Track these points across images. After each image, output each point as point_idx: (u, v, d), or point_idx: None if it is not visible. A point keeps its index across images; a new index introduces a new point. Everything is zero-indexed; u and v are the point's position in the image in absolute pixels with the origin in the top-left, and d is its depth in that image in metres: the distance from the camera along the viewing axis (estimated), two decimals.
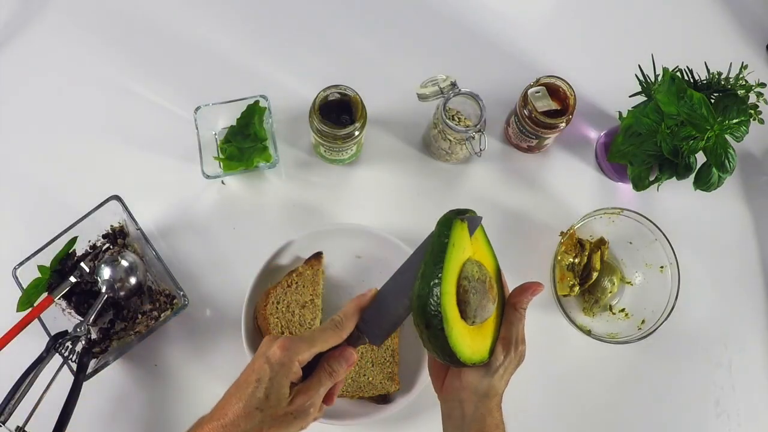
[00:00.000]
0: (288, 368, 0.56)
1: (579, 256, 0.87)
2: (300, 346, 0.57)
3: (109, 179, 0.88)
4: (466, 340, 0.58)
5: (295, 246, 0.84)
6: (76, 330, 0.77)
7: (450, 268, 0.58)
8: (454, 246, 0.58)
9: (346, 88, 0.80)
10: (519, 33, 0.98)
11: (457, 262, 0.59)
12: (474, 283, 0.58)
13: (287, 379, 0.56)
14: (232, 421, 0.55)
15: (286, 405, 0.56)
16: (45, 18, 0.95)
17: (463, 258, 0.60)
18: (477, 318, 0.59)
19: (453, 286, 0.58)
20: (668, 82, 0.76)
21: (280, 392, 0.55)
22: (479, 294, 0.58)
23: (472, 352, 0.59)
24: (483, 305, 0.59)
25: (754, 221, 0.94)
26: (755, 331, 0.90)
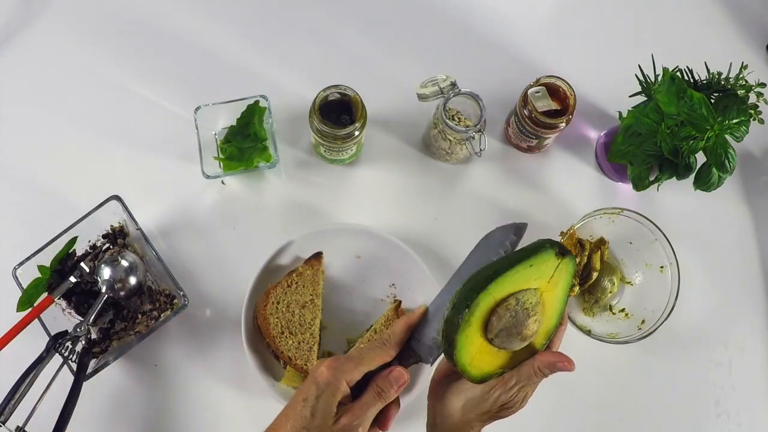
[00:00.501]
0: (335, 387, 0.56)
1: (579, 256, 0.87)
2: (347, 365, 0.57)
3: (109, 179, 0.88)
4: (478, 355, 0.57)
5: (295, 246, 0.84)
6: (76, 330, 0.77)
7: (511, 279, 0.56)
8: (531, 267, 0.56)
9: (346, 88, 0.80)
10: (519, 33, 0.98)
11: (522, 283, 0.56)
12: (518, 308, 0.56)
13: (334, 398, 0.55)
14: None
15: (332, 424, 0.55)
16: (45, 18, 0.95)
17: (532, 285, 0.57)
18: (496, 340, 0.57)
19: (500, 295, 0.56)
20: (668, 82, 0.76)
21: (326, 411, 0.55)
22: (515, 320, 0.56)
23: (481, 372, 0.58)
24: (510, 334, 0.56)
25: (754, 221, 0.94)
26: (755, 331, 0.90)
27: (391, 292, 0.86)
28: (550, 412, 0.85)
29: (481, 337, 0.57)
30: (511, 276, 0.56)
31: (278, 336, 0.80)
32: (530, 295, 0.57)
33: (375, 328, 0.82)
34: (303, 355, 0.80)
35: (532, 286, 0.57)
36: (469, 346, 0.56)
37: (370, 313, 0.85)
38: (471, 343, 0.56)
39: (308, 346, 0.81)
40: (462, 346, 0.56)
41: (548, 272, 0.58)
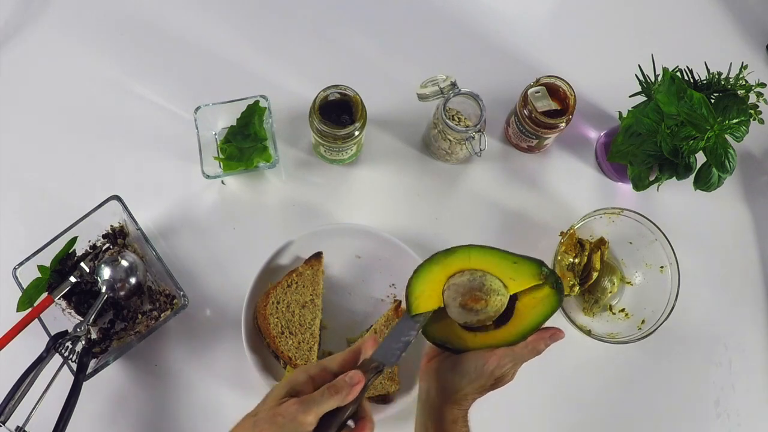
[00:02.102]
0: (288, 379, 0.57)
1: (579, 256, 0.87)
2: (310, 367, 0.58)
3: (109, 179, 0.88)
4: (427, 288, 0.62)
5: (295, 246, 0.84)
6: (76, 330, 0.77)
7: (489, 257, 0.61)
8: (515, 264, 0.61)
9: (346, 88, 0.80)
10: (519, 33, 0.98)
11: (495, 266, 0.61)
12: (466, 279, 0.60)
13: (282, 387, 0.57)
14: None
15: (276, 406, 0.55)
16: (45, 18, 0.95)
17: (501, 276, 0.61)
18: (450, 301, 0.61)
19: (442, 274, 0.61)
20: (668, 82, 0.76)
21: (274, 396, 0.56)
22: (463, 290, 0.60)
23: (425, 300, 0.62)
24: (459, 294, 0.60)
25: (754, 221, 0.94)
26: (755, 331, 0.90)
27: (391, 292, 0.86)
28: (550, 411, 0.85)
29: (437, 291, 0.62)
30: (492, 255, 0.61)
31: (278, 336, 0.80)
32: (492, 280, 0.61)
33: (375, 328, 0.82)
34: (303, 355, 0.80)
35: (503, 278, 0.61)
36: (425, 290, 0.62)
37: (370, 313, 0.85)
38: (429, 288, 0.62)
39: (308, 346, 0.81)
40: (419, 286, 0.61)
41: (526, 283, 0.62)
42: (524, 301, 0.63)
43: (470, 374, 0.61)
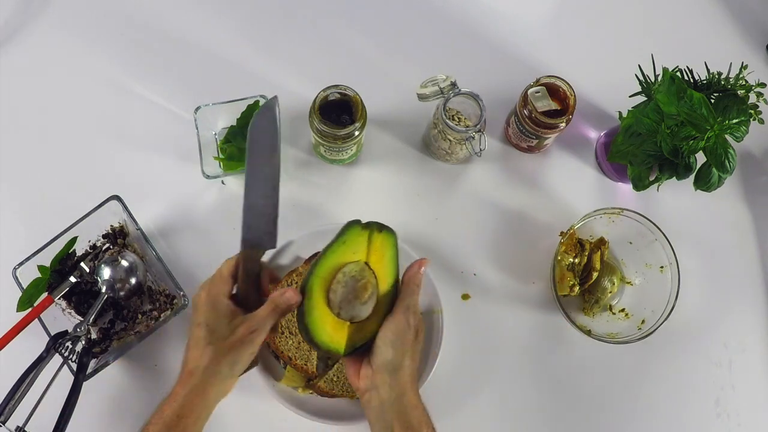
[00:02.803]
0: (215, 301, 0.63)
1: (579, 256, 0.87)
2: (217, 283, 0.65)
3: (109, 179, 0.88)
4: (325, 325, 0.63)
5: (295, 246, 0.84)
6: (76, 330, 0.77)
7: (330, 259, 0.64)
8: (344, 244, 0.64)
9: (346, 88, 0.80)
10: (519, 33, 0.98)
11: (341, 258, 0.64)
12: (346, 279, 0.63)
13: (218, 312, 0.63)
14: (194, 365, 0.61)
15: (230, 334, 0.61)
16: (45, 18, 0.95)
17: (352, 258, 0.65)
18: (342, 312, 0.63)
19: (327, 274, 0.64)
20: (668, 82, 0.76)
21: (218, 323, 0.62)
22: (347, 290, 0.63)
23: (330, 339, 0.63)
24: (349, 301, 0.63)
25: (754, 221, 0.94)
26: (755, 331, 0.90)
27: None
28: (550, 411, 0.85)
29: (330, 314, 0.64)
30: (330, 257, 0.64)
31: (278, 336, 0.80)
32: (353, 266, 0.64)
33: None
34: (303, 355, 0.80)
35: (354, 259, 0.65)
36: (324, 326, 0.63)
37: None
38: (324, 323, 0.63)
39: (308, 346, 0.81)
40: (315, 326, 0.63)
41: (363, 244, 0.66)
42: (373, 262, 0.66)
43: (390, 343, 0.63)
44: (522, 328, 0.87)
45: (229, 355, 0.61)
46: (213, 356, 0.61)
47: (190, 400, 0.61)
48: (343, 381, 0.80)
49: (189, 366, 0.62)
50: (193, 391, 0.61)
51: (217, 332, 0.62)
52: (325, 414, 0.79)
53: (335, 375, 0.80)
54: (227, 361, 0.61)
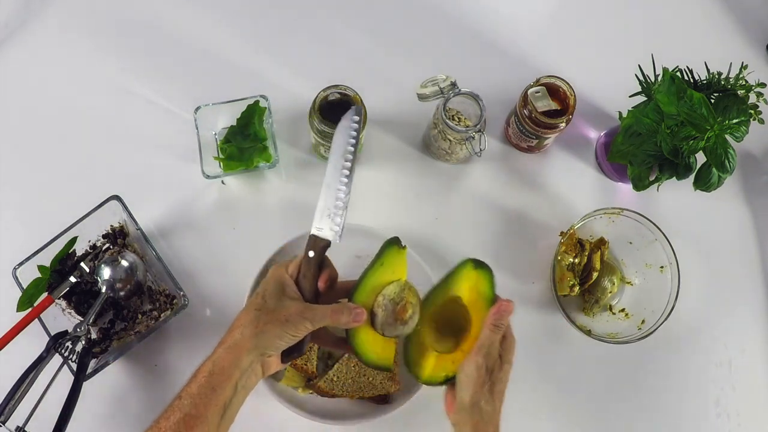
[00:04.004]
0: (279, 276, 0.65)
1: (579, 256, 0.87)
2: (289, 263, 0.67)
3: (109, 179, 0.88)
4: (371, 344, 0.66)
5: (295, 246, 0.84)
6: (76, 330, 0.77)
7: (369, 282, 0.67)
8: (382, 266, 0.67)
9: (346, 88, 0.80)
10: (519, 33, 0.98)
11: (380, 279, 0.67)
12: (385, 302, 0.65)
13: (279, 285, 0.65)
14: (237, 324, 0.63)
15: (281, 308, 0.63)
16: (45, 18, 0.95)
17: (392, 278, 0.67)
18: (385, 331, 0.66)
19: (369, 297, 0.66)
20: (668, 82, 0.76)
21: (274, 298, 0.64)
22: (386, 312, 0.65)
23: (377, 357, 0.67)
24: (389, 323, 0.65)
25: (754, 221, 0.94)
26: (755, 331, 0.90)
27: None
28: (550, 411, 0.85)
29: (375, 333, 0.67)
30: (369, 281, 0.67)
31: None
32: (392, 287, 0.66)
33: None
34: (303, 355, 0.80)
35: (393, 279, 0.67)
36: (366, 340, 0.66)
37: None
38: (366, 337, 0.66)
39: (308, 346, 0.81)
40: (362, 345, 0.66)
41: (400, 263, 0.68)
42: (470, 300, 0.69)
43: (470, 382, 0.63)
44: (522, 328, 0.86)
45: (270, 327, 0.62)
46: (256, 322, 0.62)
47: (223, 357, 0.61)
48: (343, 381, 0.80)
49: (233, 326, 0.64)
50: (228, 348, 0.62)
51: (269, 304, 0.63)
52: (325, 414, 0.79)
53: (335, 375, 0.80)
54: (269, 330, 0.62)
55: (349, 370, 0.80)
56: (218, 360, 0.61)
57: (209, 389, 0.60)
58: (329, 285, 0.66)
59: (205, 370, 0.61)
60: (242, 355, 0.61)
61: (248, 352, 0.61)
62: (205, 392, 0.60)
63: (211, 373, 0.61)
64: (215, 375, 0.61)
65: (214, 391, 0.60)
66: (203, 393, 0.60)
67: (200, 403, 0.60)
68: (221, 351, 0.62)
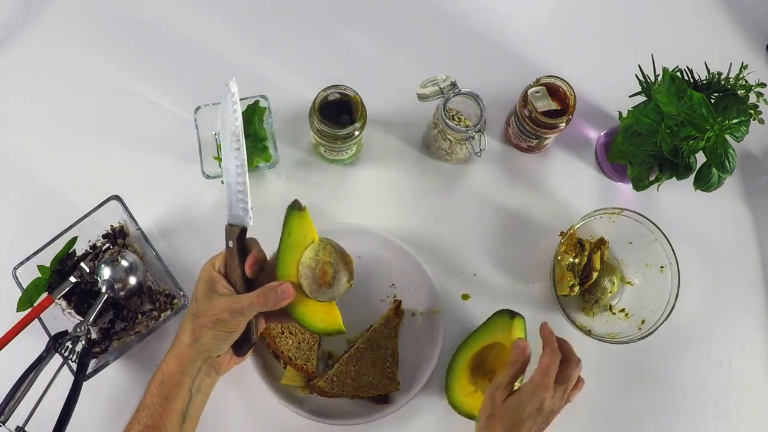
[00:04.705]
0: (207, 274, 0.66)
1: (579, 256, 0.87)
2: (215, 258, 0.68)
3: (109, 179, 0.87)
4: (312, 313, 0.67)
5: None
6: (76, 330, 0.77)
7: (286, 254, 0.67)
8: (290, 235, 0.67)
9: (346, 88, 0.80)
10: (519, 33, 0.98)
11: (295, 247, 0.67)
12: (304, 270, 0.66)
13: (207, 284, 0.65)
14: (178, 334, 0.65)
15: (211, 310, 0.63)
16: (45, 18, 0.95)
17: (305, 243, 0.67)
18: (317, 297, 0.67)
19: (292, 268, 0.66)
20: (668, 82, 0.76)
21: (204, 295, 0.65)
22: (309, 280, 0.66)
23: (325, 324, 0.68)
24: (316, 289, 0.66)
25: (754, 221, 0.94)
26: (755, 331, 0.90)
27: (390, 292, 0.86)
28: None
29: (311, 301, 0.67)
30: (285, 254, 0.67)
31: (278, 336, 0.80)
32: (307, 253, 0.66)
33: (375, 327, 0.82)
34: (303, 355, 0.80)
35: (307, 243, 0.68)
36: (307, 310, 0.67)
37: (369, 313, 0.85)
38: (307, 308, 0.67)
39: (308, 346, 0.81)
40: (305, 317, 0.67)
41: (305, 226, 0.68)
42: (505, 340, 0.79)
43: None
44: None
45: (205, 330, 0.63)
46: (192, 328, 0.64)
47: (169, 367, 0.63)
48: (343, 381, 0.80)
49: (177, 333, 0.66)
50: (172, 358, 0.64)
51: (201, 306, 0.64)
52: (325, 414, 0.79)
53: (335, 375, 0.80)
54: (203, 334, 0.63)
55: (349, 370, 0.80)
56: (166, 369, 0.63)
57: (162, 398, 0.63)
58: (259, 268, 0.67)
59: (156, 381, 0.64)
60: (187, 363, 0.63)
61: (192, 360, 0.63)
62: (159, 402, 0.63)
63: (162, 383, 0.63)
64: (165, 384, 0.63)
65: (167, 399, 0.63)
66: (157, 403, 0.63)
67: (156, 413, 0.62)
68: (168, 360, 0.64)
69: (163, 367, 0.64)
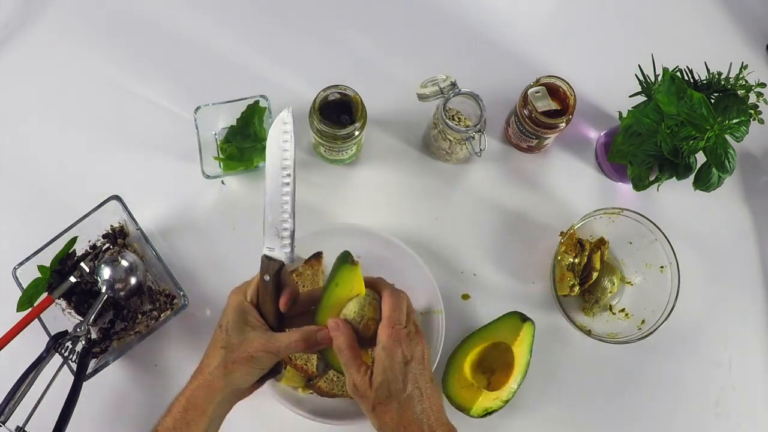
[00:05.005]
0: (239, 306, 0.65)
1: (579, 256, 0.87)
2: (248, 286, 0.67)
3: (109, 179, 0.88)
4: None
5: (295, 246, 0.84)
6: (76, 330, 0.77)
7: (329, 301, 0.65)
8: (337, 285, 0.65)
9: (346, 88, 0.80)
10: (519, 33, 0.98)
11: (339, 297, 0.65)
12: (348, 321, 0.64)
13: (239, 316, 0.64)
14: (206, 363, 0.64)
15: (245, 343, 0.63)
16: (45, 18, 0.95)
17: (350, 294, 0.66)
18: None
19: (332, 315, 0.65)
20: (668, 82, 0.76)
21: (238, 332, 0.63)
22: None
23: None
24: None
25: (754, 221, 0.94)
26: (755, 331, 0.90)
27: None
28: (549, 411, 0.85)
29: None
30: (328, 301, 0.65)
31: None
32: (352, 306, 0.65)
33: None
34: (303, 355, 0.80)
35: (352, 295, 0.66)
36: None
37: None
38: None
39: None
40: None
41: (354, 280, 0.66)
42: (516, 345, 0.81)
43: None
44: None
45: (237, 365, 0.62)
46: (222, 361, 0.63)
47: (196, 395, 0.63)
48: (343, 381, 0.80)
49: (202, 364, 0.65)
50: (200, 387, 0.63)
51: (233, 339, 0.63)
52: (325, 414, 0.79)
53: (335, 375, 0.80)
54: (236, 369, 0.62)
55: None
56: (191, 397, 0.63)
57: (184, 424, 0.62)
58: (293, 303, 0.65)
59: (180, 406, 0.63)
60: (215, 393, 0.63)
61: (220, 390, 0.63)
62: (181, 427, 0.62)
63: (186, 409, 0.63)
64: (189, 411, 0.63)
65: (189, 426, 0.62)
66: (179, 427, 0.62)
67: None
68: (194, 388, 0.63)
69: (188, 394, 0.63)
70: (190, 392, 0.63)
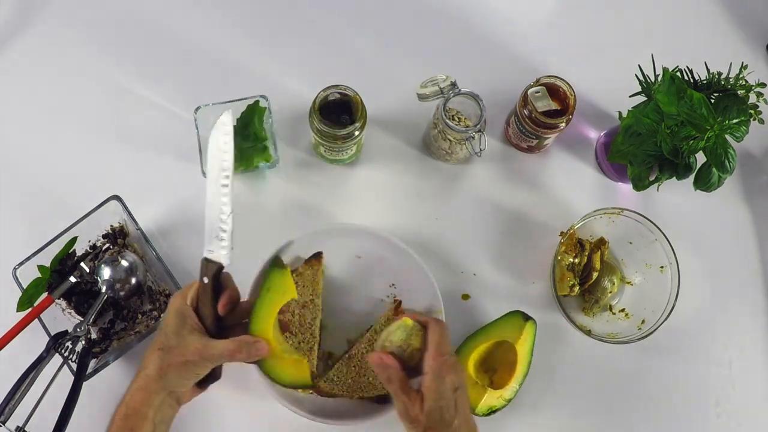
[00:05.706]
0: (180, 312, 0.65)
1: (579, 256, 0.87)
2: (189, 290, 0.67)
3: (109, 179, 0.88)
4: (281, 368, 0.70)
5: (295, 246, 0.84)
6: (76, 330, 0.77)
7: (262, 310, 0.68)
8: (269, 291, 0.68)
9: (346, 88, 0.80)
10: (519, 33, 0.98)
11: (272, 304, 0.69)
12: (393, 348, 0.66)
13: (181, 320, 0.65)
14: (143, 367, 0.64)
15: (183, 346, 0.63)
16: (45, 18, 0.95)
17: (283, 300, 0.70)
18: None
19: (266, 324, 0.68)
20: (668, 82, 0.76)
21: (176, 335, 0.64)
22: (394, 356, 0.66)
23: (292, 378, 0.71)
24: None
25: (754, 221, 0.94)
26: (755, 331, 0.90)
27: (391, 292, 0.86)
28: (549, 411, 0.85)
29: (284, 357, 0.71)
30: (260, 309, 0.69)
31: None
32: (399, 333, 0.66)
33: (375, 328, 0.82)
34: (303, 355, 0.80)
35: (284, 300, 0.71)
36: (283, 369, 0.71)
37: (370, 313, 0.85)
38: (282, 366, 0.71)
39: (308, 346, 0.81)
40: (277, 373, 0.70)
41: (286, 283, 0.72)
42: (519, 344, 0.80)
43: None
44: None
45: (173, 368, 0.63)
46: (159, 365, 0.63)
47: (134, 398, 0.63)
48: (343, 381, 0.80)
49: (140, 366, 0.65)
50: (137, 390, 0.63)
51: (171, 342, 0.64)
52: (325, 414, 0.79)
53: (335, 375, 0.80)
54: (171, 371, 0.63)
55: (349, 370, 0.81)
56: (130, 402, 0.63)
57: (127, 431, 0.63)
58: (232, 307, 0.66)
59: (121, 413, 0.63)
60: (152, 396, 0.63)
61: (157, 393, 0.63)
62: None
63: (126, 416, 0.63)
64: (130, 417, 0.63)
65: (135, 428, 0.63)
66: None
67: None
68: (132, 391, 0.64)
69: (128, 400, 0.64)
70: (129, 396, 0.64)
